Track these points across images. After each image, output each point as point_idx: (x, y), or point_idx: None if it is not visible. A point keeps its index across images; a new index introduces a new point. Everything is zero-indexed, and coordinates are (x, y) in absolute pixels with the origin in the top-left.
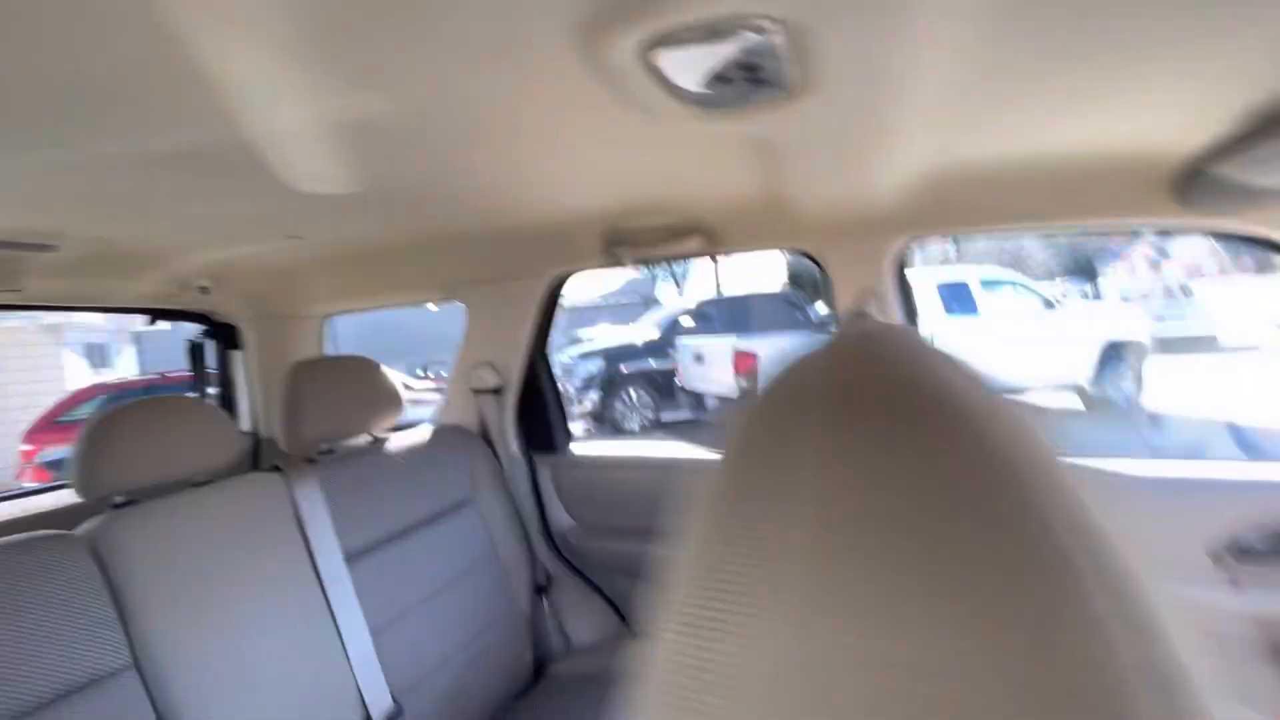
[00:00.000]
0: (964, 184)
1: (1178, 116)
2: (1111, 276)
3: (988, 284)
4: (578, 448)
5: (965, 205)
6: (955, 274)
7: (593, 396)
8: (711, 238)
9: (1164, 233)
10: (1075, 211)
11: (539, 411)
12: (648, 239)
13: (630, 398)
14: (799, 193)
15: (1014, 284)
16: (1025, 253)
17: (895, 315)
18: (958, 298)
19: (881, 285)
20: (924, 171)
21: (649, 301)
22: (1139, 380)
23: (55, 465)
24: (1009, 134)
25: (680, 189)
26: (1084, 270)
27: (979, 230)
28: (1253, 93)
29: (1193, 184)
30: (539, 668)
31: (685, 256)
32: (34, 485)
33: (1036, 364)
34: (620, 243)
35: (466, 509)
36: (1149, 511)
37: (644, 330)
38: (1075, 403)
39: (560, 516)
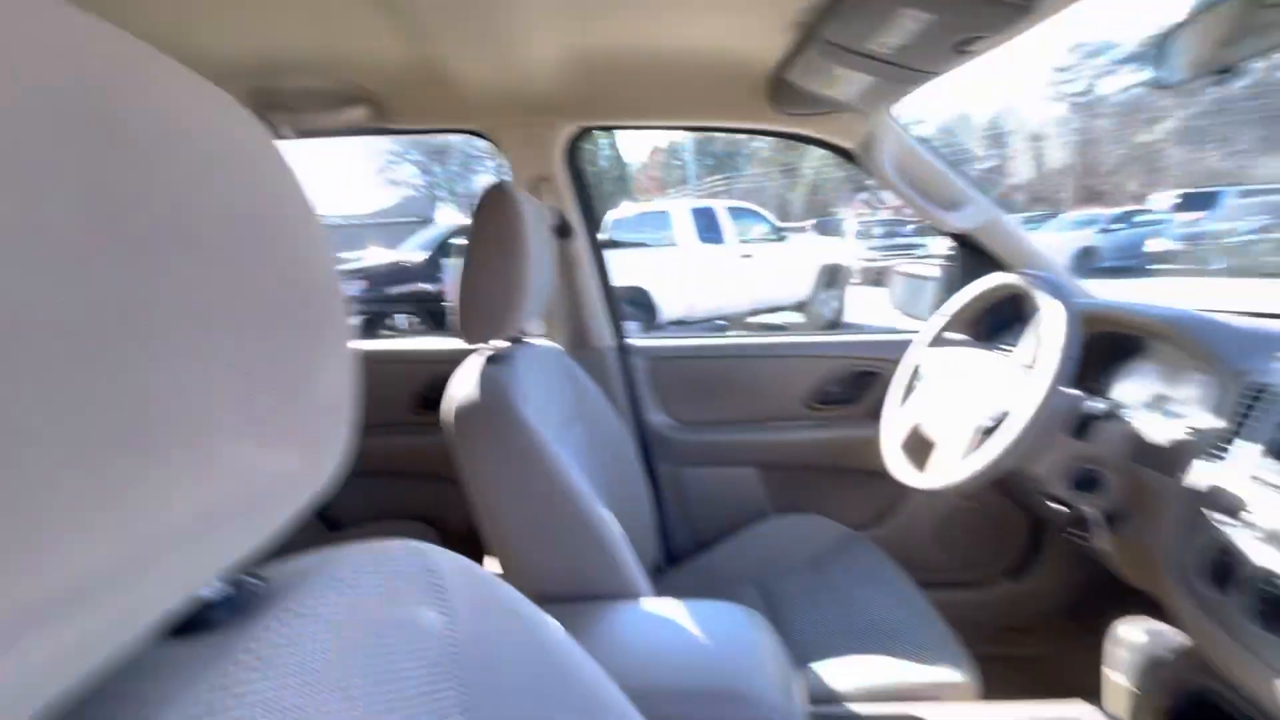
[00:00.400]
0: (611, 75)
1: (752, 25)
2: (848, 216)
3: (734, 213)
4: None
5: (616, 97)
6: (705, 202)
7: (354, 321)
8: (379, 110)
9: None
10: (703, 112)
11: None
12: (305, 104)
13: (397, 322)
14: (460, 67)
15: (757, 215)
16: (782, 195)
17: (568, 203)
18: (709, 225)
19: (553, 172)
20: (573, 57)
21: (426, 221)
22: (842, 298)
23: None
24: (629, 28)
25: (335, 48)
26: (825, 210)
27: (635, 124)
28: (789, 6)
29: (778, 91)
30: None
31: (353, 130)
32: None
33: (771, 285)
34: (274, 107)
35: None
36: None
37: (415, 251)
38: (797, 317)
39: None
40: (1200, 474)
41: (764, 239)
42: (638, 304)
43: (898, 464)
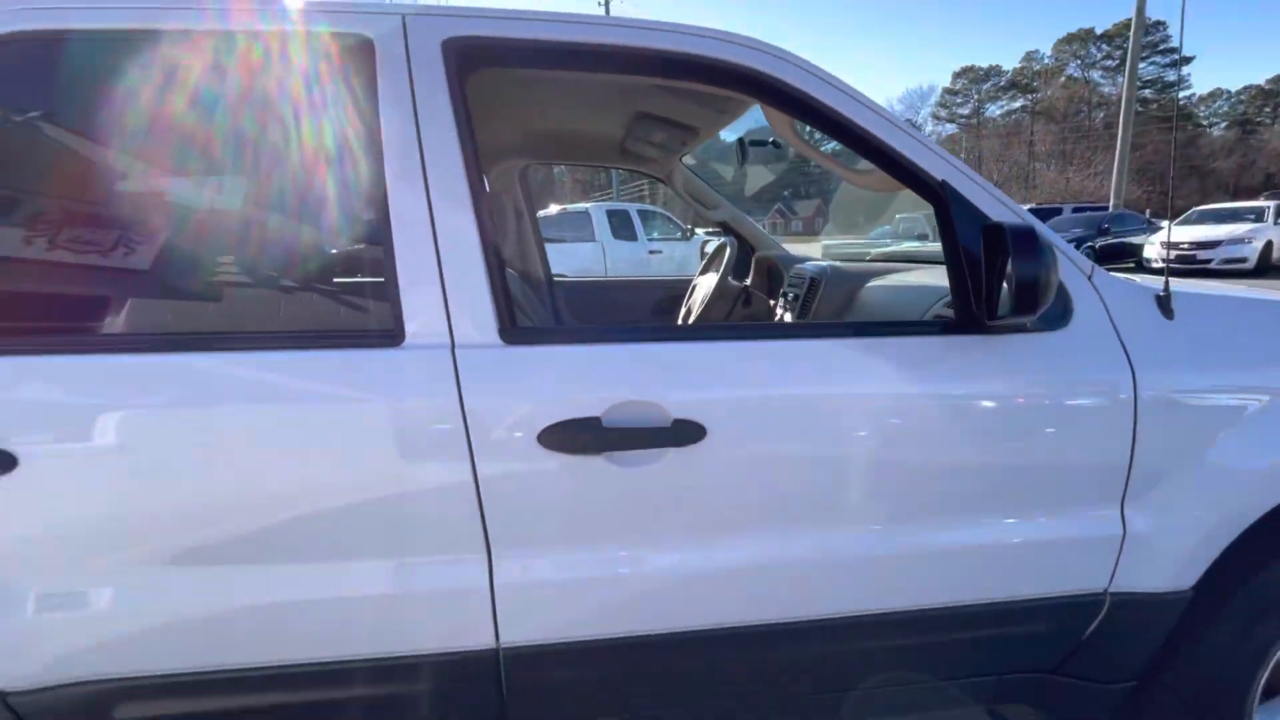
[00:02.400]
0: (544, 138)
1: (606, 129)
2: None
3: (642, 213)
4: None
5: (544, 148)
6: (620, 205)
7: None
8: None
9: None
10: (595, 159)
11: None
12: None
13: None
14: None
15: (667, 218)
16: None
17: (521, 202)
18: (623, 224)
19: (513, 187)
20: (525, 131)
21: None
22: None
23: None
24: (556, 123)
25: None
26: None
27: (554, 162)
28: (618, 127)
29: (624, 152)
30: None
31: None
32: None
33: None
34: None
35: None
36: None
37: None
38: None
39: None
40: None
41: (670, 238)
42: None
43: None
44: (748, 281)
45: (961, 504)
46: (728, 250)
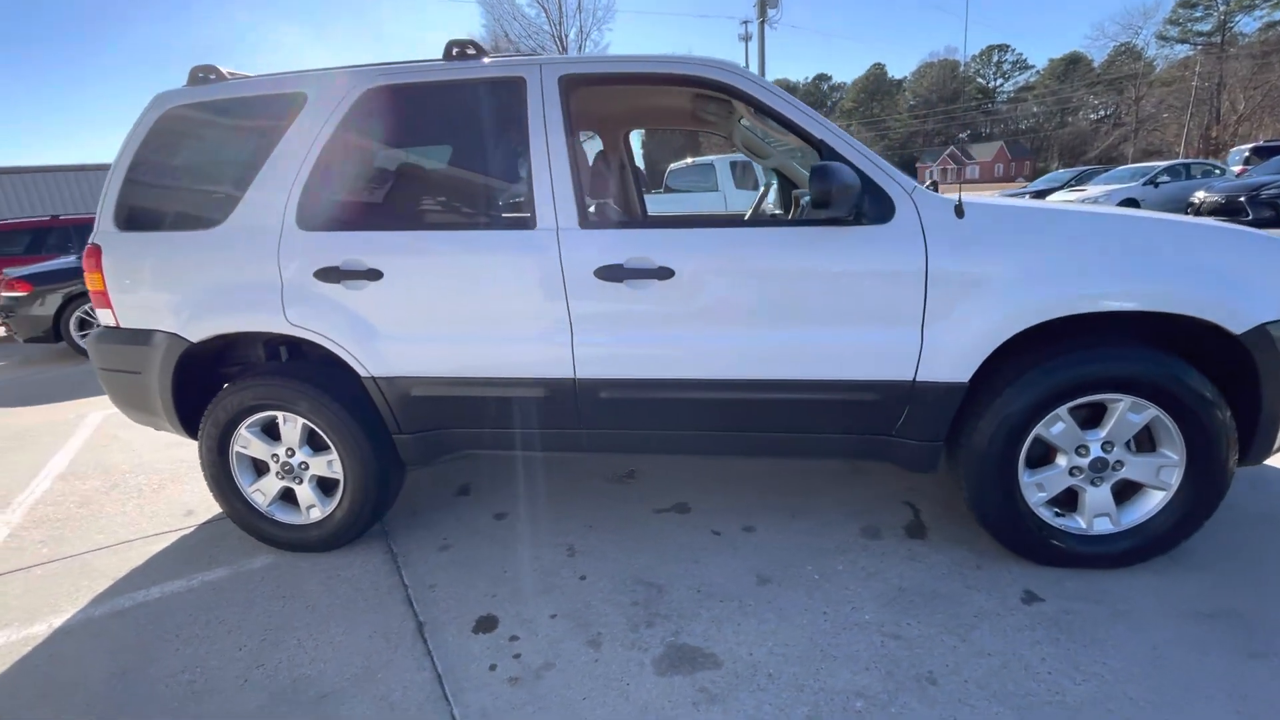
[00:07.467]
0: (637, 112)
1: (679, 105)
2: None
3: None
4: None
5: (637, 117)
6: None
7: None
8: None
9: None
10: (678, 124)
11: None
12: None
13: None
14: None
15: None
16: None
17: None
18: (744, 174)
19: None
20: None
21: None
22: None
23: None
24: (641, 101)
25: None
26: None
27: (644, 126)
28: (685, 105)
29: (695, 115)
30: None
31: None
32: None
33: None
34: None
35: None
36: None
37: None
38: None
39: None
40: None
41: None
42: None
43: None
44: (789, 212)
45: (827, 318)
46: (769, 189)
